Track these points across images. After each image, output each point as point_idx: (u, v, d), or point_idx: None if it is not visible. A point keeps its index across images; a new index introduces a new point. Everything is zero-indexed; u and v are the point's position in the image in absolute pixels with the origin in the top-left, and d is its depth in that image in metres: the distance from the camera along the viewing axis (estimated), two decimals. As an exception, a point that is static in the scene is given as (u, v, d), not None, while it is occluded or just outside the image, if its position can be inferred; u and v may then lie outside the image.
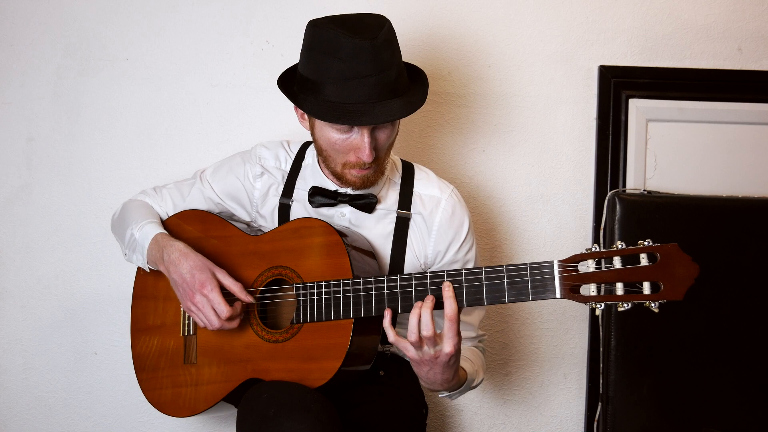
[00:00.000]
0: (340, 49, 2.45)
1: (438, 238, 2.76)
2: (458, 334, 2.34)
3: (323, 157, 2.67)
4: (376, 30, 2.49)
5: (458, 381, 2.56)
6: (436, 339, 2.34)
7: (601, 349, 3.25)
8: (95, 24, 3.34)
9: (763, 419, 3.18)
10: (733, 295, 3.19)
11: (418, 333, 2.34)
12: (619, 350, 3.20)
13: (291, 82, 2.67)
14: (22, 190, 3.34)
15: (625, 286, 2.18)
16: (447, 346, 2.34)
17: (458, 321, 2.33)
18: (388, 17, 3.06)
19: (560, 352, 3.40)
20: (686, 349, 3.19)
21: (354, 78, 2.45)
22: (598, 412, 3.27)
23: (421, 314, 2.34)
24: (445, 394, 2.66)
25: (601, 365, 3.24)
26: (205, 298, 2.56)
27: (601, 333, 3.25)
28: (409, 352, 2.40)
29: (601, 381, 3.25)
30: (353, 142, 2.55)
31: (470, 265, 2.81)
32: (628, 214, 3.22)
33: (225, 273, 2.60)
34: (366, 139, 2.52)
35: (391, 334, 2.41)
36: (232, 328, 2.61)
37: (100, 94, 3.35)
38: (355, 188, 2.68)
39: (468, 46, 3.37)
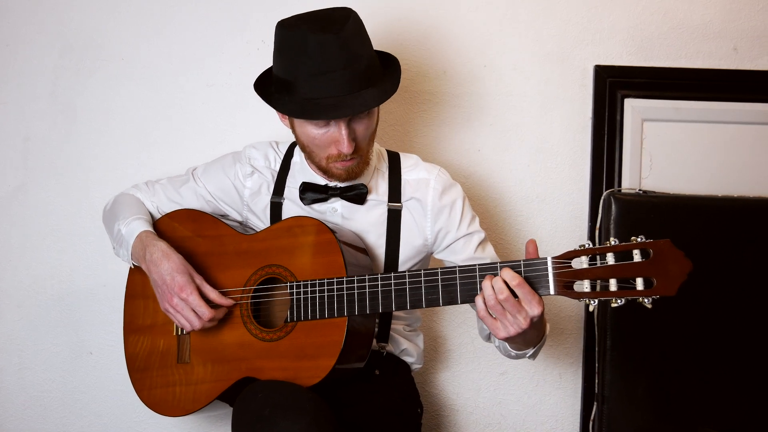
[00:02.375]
0: (307, 46, 2.47)
1: (434, 217, 2.78)
2: (533, 292, 2.31)
3: (307, 153, 2.70)
4: (341, 23, 2.51)
5: (543, 332, 2.62)
6: (518, 306, 2.31)
7: (596, 349, 3.25)
8: (92, 24, 3.34)
9: (760, 419, 3.18)
10: (729, 294, 3.19)
11: (495, 297, 2.31)
12: (614, 350, 3.20)
13: (268, 84, 2.70)
14: (19, 189, 3.35)
15: (618, 282, 2.19)
16: (533, 309, 2.31)
17: (526, 283, 2.31)
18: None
19: (556, 351, 3.40)
20: (682, 348, 3.19)
21: (324, 73, 2.48)
22: (593, 412, 3.27)
23: (492, 283, 2.32)
24: (532, 350, 2.66)
25: (597, 365, 3.24)
26: (183, 302, 2.58)
27: (596, 333, 3.25)
28: (500, 332, 2.36)
29: (596, 381, 3.25)
30: (332, 136, 2.58)
31: (477, 237, 2.82)
32: (624, 213, 3.22)
33: (203, 279, 2.64)
34: (343, 131, 2.54)
35: (481, 307, 2.37)
36: (212, 325, 2.64)
37: (96, 94, 3.35)
38: (342, 180, 2.70)
39: (464, 46, 3.37)
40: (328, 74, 2.48)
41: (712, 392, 3.17)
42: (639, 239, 2.17)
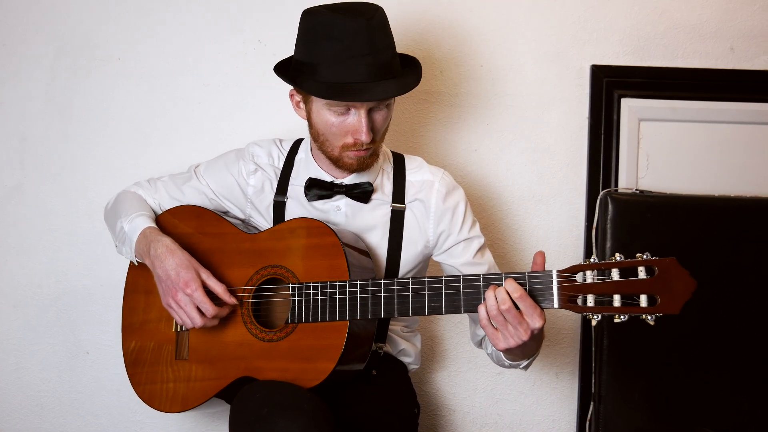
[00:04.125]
0: (335, 30, 2.49)
1: (437, 219, 2.78)
2: (535, 305, 2.30)
3: (320, 143, 2.69)
4: (371, 13, 2.54)
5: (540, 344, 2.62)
6: (519, 318, 2.31)
7: (593, 349, 3.25)
8: (88, 24, 3.34)
9: (757, 419, 3.19)
10: (725, 294, 3.20)
11: (497, 307, 2.31)
12: (611, 350, 3.20)
13: (286, 70, 2.70)
14: (15, 189, 3.34)
15: (622, 298, 2.19)
16: (534, 322, 2.30)
17: (528, 296, 2.30)
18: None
19: (552, 351, 3.41)
20: (679, 349, 3.20)
21: (351, 57, 2.50)
22: (590, 412, 3.28)
23: (495, 293, 2.32)
24: (526, 362, 2.67)
25: (594, 365, 3.25)
26: (188, 297, 2.58)
27: (593, 332, 3.25)
28: (500, 342, 2.37)
29: (593, 380, 3.25)
30: (351, 124, 2.58)
31: (476, 243, 2.82)
32: (621, 213, 3.22)
33: (209, 273, 2.62)
34: (363, 119, 2.55)
35: (484, 316, 2.37)
36: (213, 324, 2.64)
37: (93, 94, 3.35)
38: (352, 171, 2.70)
39: (460, 46, 3.37)
40: (355, 59, 2.50)
41: (710, 392, 3.18)
42: (644, 256, 2.17)
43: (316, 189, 2.75)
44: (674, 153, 3.37)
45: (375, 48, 2.51)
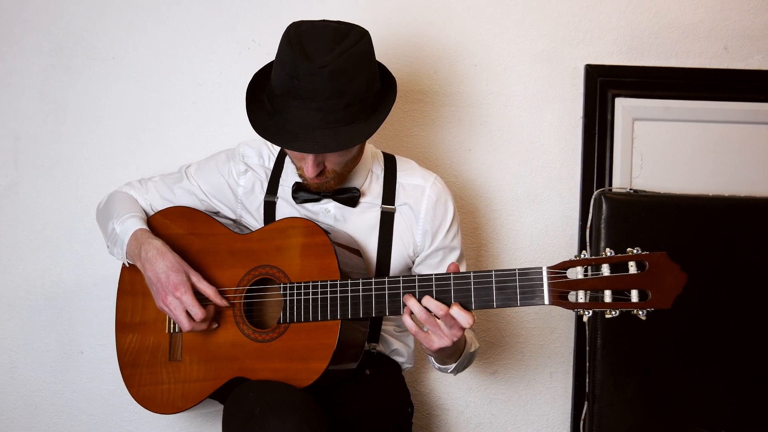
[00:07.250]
0: (294, 67, 2.41)
1: (425, 225, 2.78)
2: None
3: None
4: (338, 53, 2.41)
5: (462, 346, 2.66)
6: (452, 320, 2.37)
7: (587, 348, 3.25)
8: (82, 23, 3.33)
9: (751, 418, 3.19)
10: (720, 294, 3.20)
11: (433, 318, 2.38)
12: (605, 349, 3.20)
13: (260, 87, 2.64)
14: (9, 189, 3.34)
15: (613, 293, 2.20)
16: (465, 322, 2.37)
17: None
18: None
19: (546, 351, 3.41)
20: (672, 348, 3.20)
21: (300, 98, 2.42)
22: (584, 411, 3.27)
23: (424, 305, 2.38)
24: (452, 366, 2.71)
25: (588, 364, 3.25)
26: (177, 300, 2.58)
27: (587, 332, 3.25)
28: (434, 344, 2.43)
29: (587, 380, 3.25)
30: (301, 154, 2.55)
31: (456, 253, 2.85)
32: (615, 213, 3.22)
33: (199, 276, 2.62)
34: (309, 159, 2.52)
35: (411, 326, 2.44)
36: (201, 329, 2.64)
37: (86, 93, 3.34)
38: (312, 190, 2.70)
39: (454, 45, 3.37)
40: (303, 101, 2.42)
41: (703, 391, 3.18)
42: (635, 251, 2.17)
43: (303, 193, 2.73)
44: (668, 152, 3.37)
45: (325, 95, 2.40)
